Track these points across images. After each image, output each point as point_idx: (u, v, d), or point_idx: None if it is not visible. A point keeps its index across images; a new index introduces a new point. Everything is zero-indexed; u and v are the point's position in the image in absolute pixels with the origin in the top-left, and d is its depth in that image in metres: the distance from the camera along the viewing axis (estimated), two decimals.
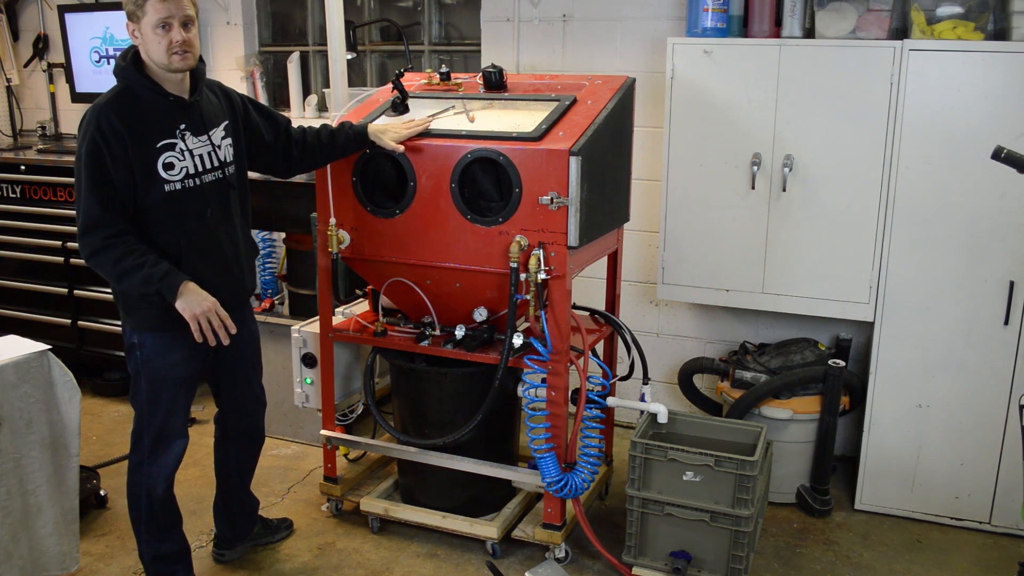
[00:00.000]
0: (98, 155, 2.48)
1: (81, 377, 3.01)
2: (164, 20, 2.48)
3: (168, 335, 2.67)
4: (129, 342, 2.71)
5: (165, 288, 2.51)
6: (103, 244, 2.50)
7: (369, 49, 4.74)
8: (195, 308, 2.52)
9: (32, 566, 2.69)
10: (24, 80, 5.46)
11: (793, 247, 3.43)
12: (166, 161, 2.57)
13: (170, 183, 2.58)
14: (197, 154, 2.64)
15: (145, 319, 2.66)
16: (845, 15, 3.26)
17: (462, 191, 2.93)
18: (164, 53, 2.50)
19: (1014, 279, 3.14)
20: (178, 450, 2.80)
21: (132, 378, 2.75)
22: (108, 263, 2.52)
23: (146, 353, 2.69)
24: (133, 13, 2.50)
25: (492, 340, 3.08)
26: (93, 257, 2.53)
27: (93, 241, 2.51)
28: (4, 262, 4.82)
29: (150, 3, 2.48)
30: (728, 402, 3.61)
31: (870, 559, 3.23)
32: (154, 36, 2.49)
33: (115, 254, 2.50)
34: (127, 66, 2.55)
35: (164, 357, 2.70)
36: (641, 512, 2.99)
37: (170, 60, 2.51)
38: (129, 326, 2.70)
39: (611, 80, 3.15)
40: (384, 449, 3.35)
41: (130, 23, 2.53)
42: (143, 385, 2.71)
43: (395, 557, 3.21)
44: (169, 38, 2.49)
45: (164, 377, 2.71)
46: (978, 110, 3.07)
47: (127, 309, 2.69)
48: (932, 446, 3.37)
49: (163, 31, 2.49)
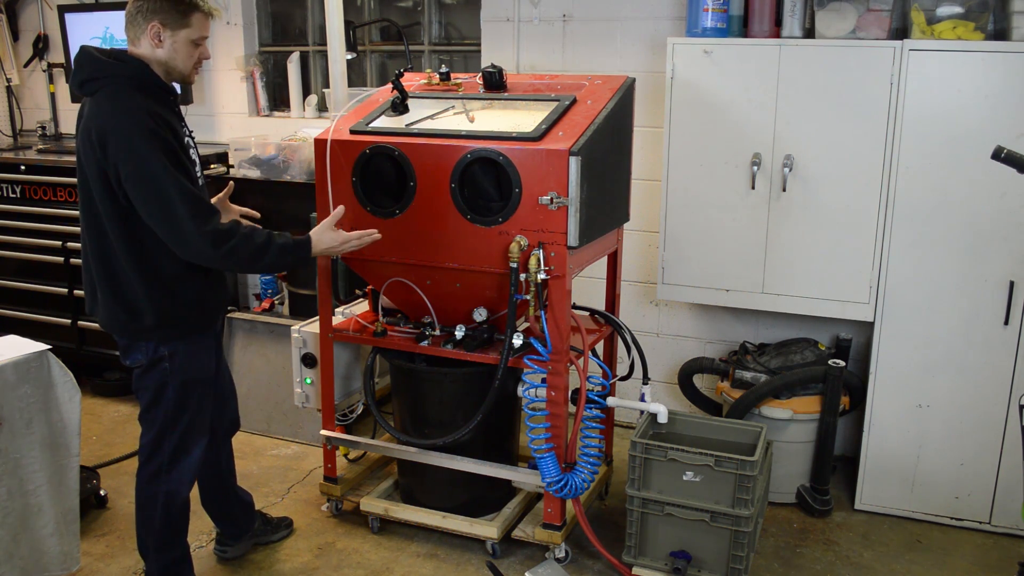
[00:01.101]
0: (169, 148, 2.43)
1: (81, 377, 3.01)
2: (204, 37, 2.59)
3: (197, 338, 2.69)
4: (155, 356, 2.63)
5: (303, 248, 2.61)
6: (222, 228, 2.44)
7: (369, 49, 4.74)
8: (336, 246, 2.68)
9: (32, 566, 2.69)
10: (24, 80, 5.46)
11: (793, 247, 3.43)
12: (192, 157, 2.62)
13: (200, 178, 2.65)
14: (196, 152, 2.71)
15: (181, 327, 2.63)
16: (845, 15, 3.26)
17: (462, 191, 2.93)
18: (190, 66, 2.60)
19: (1014, 279, 3.14)
20: (199, 451, 2.78)
21: (154, 391, 2.66)
22: (241, 247, 2.45)
23: (177, 363, 2.65)
24: (172, 22, 2.50)
25: (492, 340, 3.08)
26: (220, 244, 2.42)
27: (212, 229, 2.42)
28: (4, 262, 4.82)
29: (196, 18, 2.54)
30: (728, 402, 3.61)
31: (870, 559, 3.23)
32: (187, 48, 2.56)
33: (240, 236, 2.46)
34: (141, 66, 2.52)
35: (195, 361, 2.69)
36: (641, 512, 2.99)
37: (191, 73, 2.61)
38: (156, 339, 2.62)
39: (611, 80, 3.15)
40: (384, 449, 3.35)
41: (161, 28, 2.49)
42: (171, 395, 2.66)
43: (395, 557, 3.22)
44: (199, 54, 2.60)
45: (194, 381, 2.70)
46: (978, 110, 3.07)
47: (159, 321, 2.58)
48: (932, 446, 3.37)
49: (195, 47, 2.58)
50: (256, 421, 4.20)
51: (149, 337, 2.62)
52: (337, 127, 3.10)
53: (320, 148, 3.08)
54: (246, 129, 4.81)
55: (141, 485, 2.76)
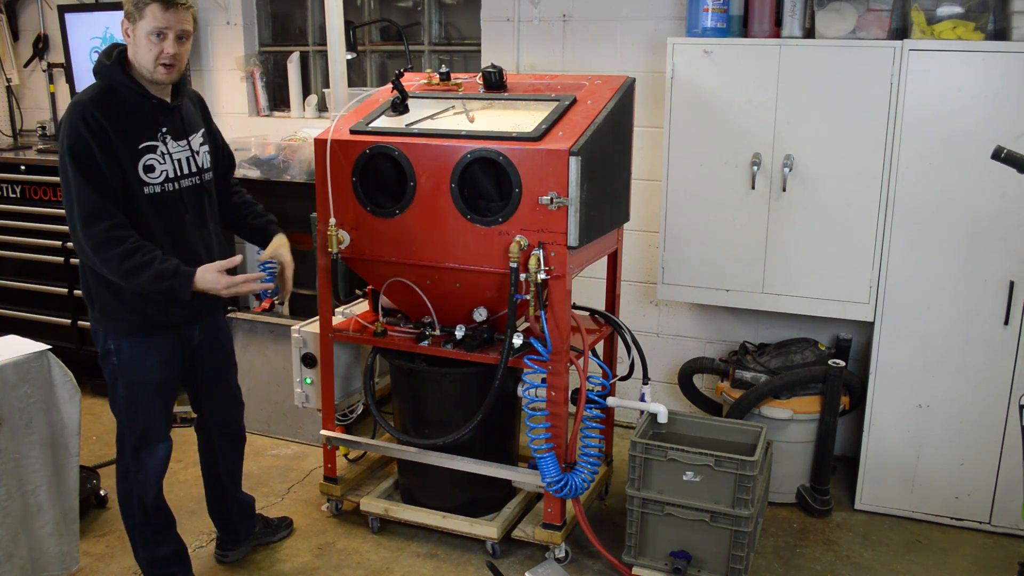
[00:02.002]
0: (86, 148, 2.43)
1: (81, 377, 3.01)
2: (160, 30, 2.46)
3: (145, 340, 2.65)
4: (104, 347, 2.66)
5: (180, 284, 2.50)
6: (107, 236, 2.43)
7: (369, 49, 4.74)
8: (220, 288, 2.54)
9: (32, 566, 2.69)
10: (24, 80, 5.46)
11: (793, 247, 3.43)
12: (147, 163, 2.55)
13: (149, 186, 2.56)
14: (176, 158, 2.63)
15: (121, 324, 2.63)
16: (845, 15, 3.26)
17: (462, 191, 2.93)
18: (152, 62, 2.49)
19: (1014, 279, 3.14)
20: (162, 454, 2.78)
21: (109, 385, 2.71)
22: (115, 259, 2.45)
23: (123, 359, 2.65)
24: (131, 13, 2.47)
25: (492, 340, 3.08)
26: (99, 250, 2.45)
27: (96, 233, 2.43)
28: (4, 262, 4.82)
29: (150, 9, 2.44)
30: (728, 402, 3.61)
31: (870, 559, 3.23)
32: (146, 42, 2.47)
33: (122, 250, 2.44)
34: (112, 65, 2.52)
35: (142, 362, 2.66)
36: (641, 512, 2.99)
37: (155, 70, 2.50)
38: (103, 330, 2.65)
39: (611, 80, 3.15)
40: (384, 449, 3.35)
41: (126, 21, 2.49)
42: (121, 392, 2.68)
43: (395, 557, 3.22)
44: (160, 48, 2.48)
45: (142, 382, 2.68)
46: (978, 110, 3.07)
47: (104, 313, 2.63)
48: (932, 446, 3.37)
49: (157, 40, 2.47)
50: (256, 421, 4.20)
51: (97, 326, 2.67)
52: (337, 127, 3.10)
53: (320, 148, 3.08)
54: (246, 129, 4.81)
55: (117, 483, 2.81)
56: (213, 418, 3.00)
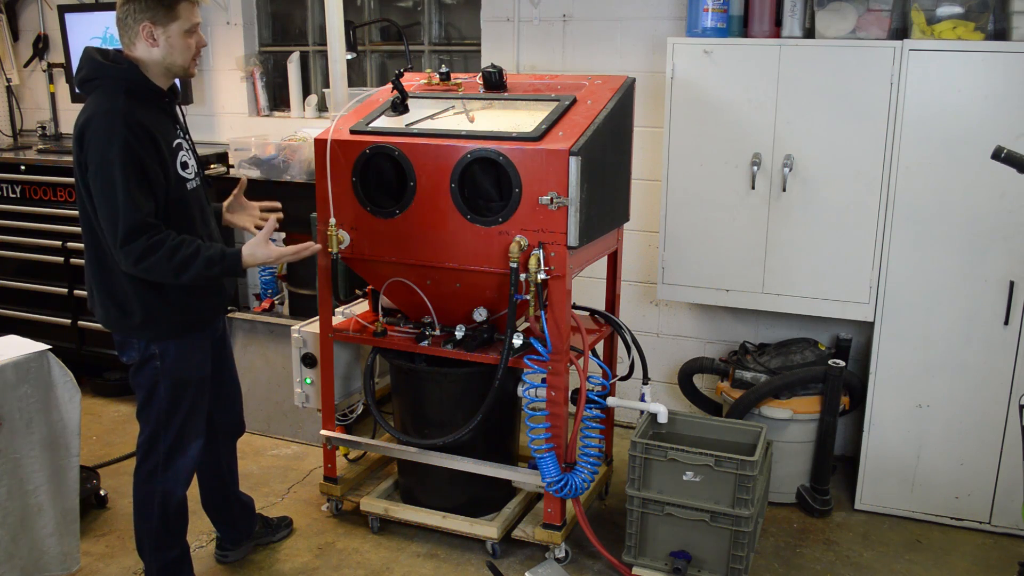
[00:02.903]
0: (135, 156, 2.41)
1: (81, 377, 3.01)
2: (196, 25, 2.53)
3: (189, 338, 2.68)
4: (146, 354, 2.63)
5: (231, 262, 2.53)
6: (149, 245, 2.42)
7: (369, 49, 4.74)
8: (272, 259, 2.58)
9: (32, 566, 2.69)
10: (24, 80, 5.46)
11: (793, 247, 3.43)
12: (182, 160, 2.60)
13: (190, 181, 2.62)
14: (192, 154, 2.69)
15: (170, 327, 2.63)
16: (845, 15, 3.26)
17: (462, 191, 2.93)
18: (189, 59, 2.55)
19: (1014, 279, 3.14)
20: (195, 451, 2.78)
21: (147, 389, 2.66)
22: (163, 261, 2.43)
23: (169, 361, 2.64)
24: (159, 16, 2.46)
25: (492, 340, 3.08)
26: (143, 260, 2.43)
27: (138, 246, 2.42)
28: (4, 262, 4.82)
29: (183, 7, 2.48)
30: (728, 402, 3.61)
31: (870, 559, 3.23)
32: (183, 40, 2.52)
33: (167, 250, 2.44)
34: (129, 68, 2.51)
35: (188, 360, 2.68)
36: (641, 512, 2.99)
37: (191, 65, 2.57)
38: (145, 338, 2.63)
39: (611, 80, 3.15)
40: (384, 449, 3.35)
41: (149, 25, 2.47)
42: (162, 393, 2.66)
43: (395, 557, 3.22)
44: (195, 42, 2.55)
45: (187, 380, 2.69)
46: (978, 110, 3.07)
47: (147, 320, 2.59)
48: (932, 446, 3.37)
49: (189, 37, 2.53)
50: (256, 421, 4.20)
51: (139, 335, 2.63)
52: (337, 127, 3.10)
53: (320, 148, 3.08)
54: (246, 129, 4.81)
55: (138, 484, 2.76)
56: (220, 414, 3.00)
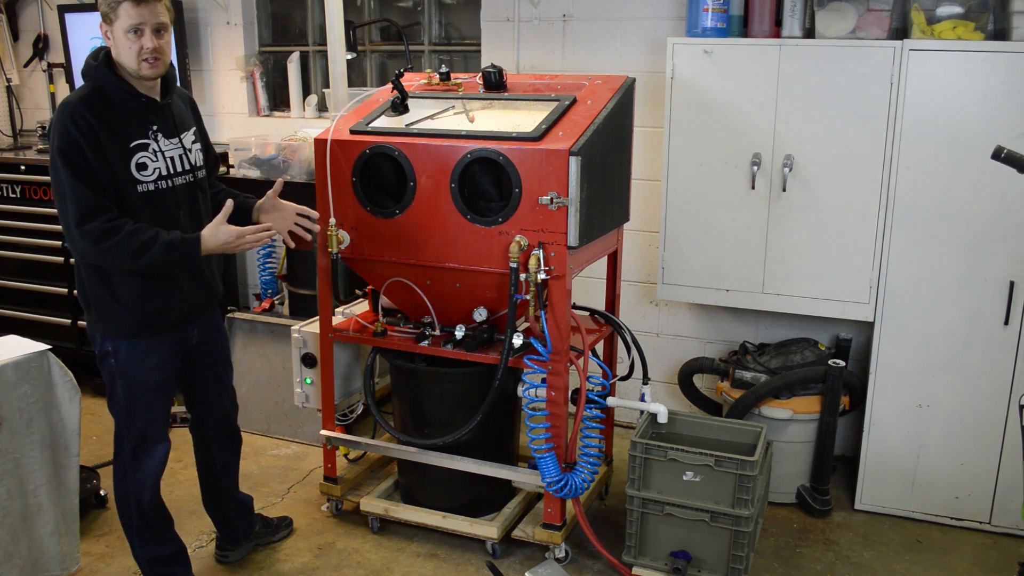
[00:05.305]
0: (76, 148, 2.44)
1: (81, 377, 3.01)
2: (136, 26, 2.47)
3: (143, 341, 2.66)
4: (103, 349, 2.67)
5: (190, 246, 2.52)
6: (104, 227, 2.43)
7: (369, 49, 4.74)
8: (230, 242, 2.55)
9: (32, 566, 2.69)
10: (24, 80, 5.46)
11: (793, 247, 3.43)
12: (139, 161, 2.56)
13: (143, 183, 2.57)
14: (168, 156, 2.64)
15: (120, 326, 2.63)
16: (845, 15, 3.26)
17: (462, 191, 2.93)
18: (134, 59, 2.50)
19: (1014, 279, 3.14)
20: (160, 454, 2.79)
21: (108, 385, 2.71)
22: (120, 245, 2.44)
23: (121, 360, 2.65)
24: (107, 15, 2.49)
25: (492, 340, 3.08)
26: (100, 242, 2.44)
27: (93, 229, 2.43)
28: (4, 262, 4.82)
29: (123, 7, 2.46)
30: (728, 402, 3.61)
31: (870, 559, 3.23)
32: (125, 41, 2.49)
33: (125, 233, 2.44)
34: (98, 66, 2.53)
35: (141, 363, 2.67)
36: (641, 512, 2.99)
37: (140, 66, 2.51)
38: (100, 333, 2.65)
39: (611, 80, 3.15)
40: (384, 449, 3.35)
41: (103, 24, 2.51)
42: (119, 392, 2.68)
43: (395, 557, 3.22)
44: (140, 44, 2.49)
45: (141, 383, 2.68)
46: (978, 110, 3.07)
47: (100, 315, 2.63)
48: (932, 446, 3.37)
49: (135, 36, 2.48)
50: (256, 421, 4.20)
51: (95, 329, 2.67)
52: (337, 127, 3.10)
53: (320, 148, 3.08)
54: (246, 129, 4.81)
55: (115, 482, 2.80)
56: (209, 419, 3.00)
